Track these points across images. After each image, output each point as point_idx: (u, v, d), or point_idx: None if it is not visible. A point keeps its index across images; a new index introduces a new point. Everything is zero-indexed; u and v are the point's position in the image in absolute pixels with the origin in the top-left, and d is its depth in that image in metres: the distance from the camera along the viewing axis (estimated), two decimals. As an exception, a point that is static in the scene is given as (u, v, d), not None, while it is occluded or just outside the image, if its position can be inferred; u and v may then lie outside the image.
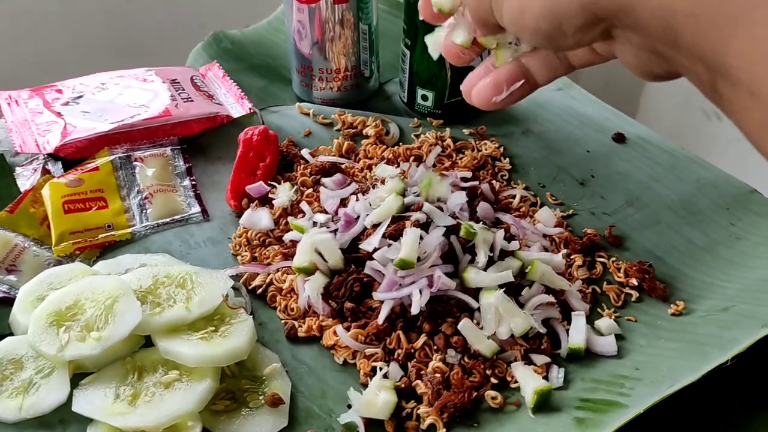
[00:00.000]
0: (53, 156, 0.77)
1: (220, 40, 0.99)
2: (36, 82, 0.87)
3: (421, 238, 0.64)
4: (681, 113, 1.59)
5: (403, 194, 0.69)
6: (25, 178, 0.76)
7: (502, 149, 0.83)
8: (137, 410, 0.55)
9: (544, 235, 0.72)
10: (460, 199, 0.68)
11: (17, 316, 0.62)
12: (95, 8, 1.42)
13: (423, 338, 0.62)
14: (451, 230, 0.66)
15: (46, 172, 0.76)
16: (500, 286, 0.63)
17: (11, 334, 0.63)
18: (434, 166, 0.78)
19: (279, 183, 0.76)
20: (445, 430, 0.58)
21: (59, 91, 0.84)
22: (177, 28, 1.51)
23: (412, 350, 0.62)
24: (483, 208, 0.71)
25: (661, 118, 1.76)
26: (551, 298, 0.65)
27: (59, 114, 0.80)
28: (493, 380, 0.61)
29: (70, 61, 1.45)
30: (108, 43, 1.48)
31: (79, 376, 0.59)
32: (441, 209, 0.67)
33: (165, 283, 0.64)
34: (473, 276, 0.63)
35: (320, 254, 0.66)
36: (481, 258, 0.64)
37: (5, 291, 0.66)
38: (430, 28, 0.79)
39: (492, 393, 0.60)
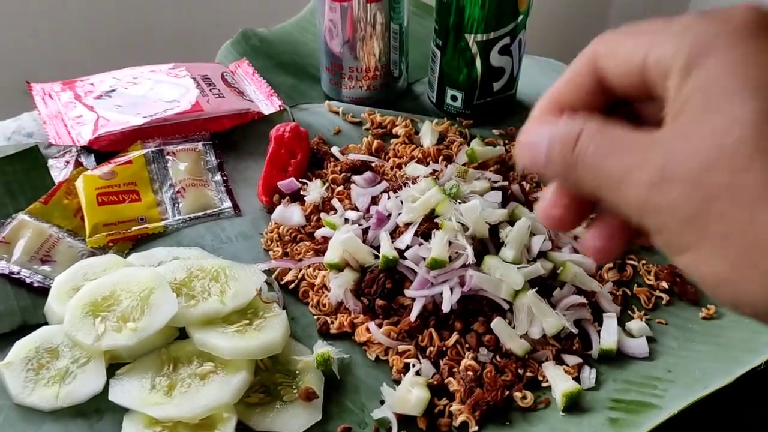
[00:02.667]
0: (86, 148, 0.78)
1: (248, 37, 0.99)
2: (56, 79, 0.88)
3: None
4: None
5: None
6: (58, 170, 0.77)
7: (531, 151, 0.83)
8: (173, 401, 0.56)
9: (575, 237, 0.72)
10: (495, 197, 0.69)
11: (52, 306, 0.63)
12: (113, 6, 1.43)
13: (455, 336, 0.63)
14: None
15: (79, 164, 0.77)
16: (532, 286, 0.63)
17: (46, 323, 0.63)
18: (464, 164, 0.78)
19: (310, 180, 0.77)
20: (477, 427, 0.58)
21: (91, 85, 0.85)
22: (195, 27, 1.52)
23: (444, 348, 0.63)
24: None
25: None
26: (583, 299, 0.65)
27: (92, 107, 0.81)
28: (529, 374, 0.61)
29: (88, 60, 1.46)
30: (125, 41, 1.49)
31: (114, 366, 0.59)
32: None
33: (199, 276, 0.64)
34: (494, 263, 0.63)
35: (351, 251, 0.67)
36: (510, 253, 0.64)
37: (40, 281, 0.66)
38: (461, 30, 0.80)
39: (521, 393, 0.60)
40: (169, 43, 1.52)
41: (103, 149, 0.77)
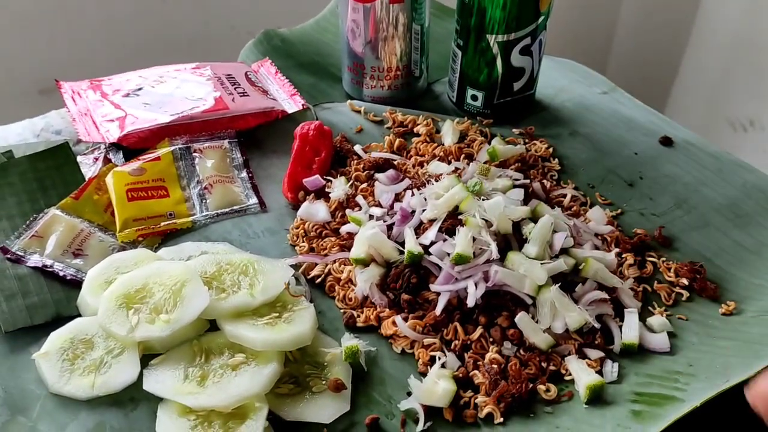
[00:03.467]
0: (115, 145, 0.79)
1: (270, 37, 1.01)
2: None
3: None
4: (707, 123, 1.60)
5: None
6: (87, 167, 0.79)
7: (551, 150, 0.84)
8: (207, 390, 0.57)
9: (596, 234, 0.73)
10: (518, 195, 0.70)
11: (86, 298, 0.64)
12: (131, 8, 1.44)
13: (479, 330, 0.64)
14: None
15: (107, 160, 0.78)
16: (555, 282, 0.65)
17: (79, 315, 0.65)
18: (485, 163, 0.80)
19: (334, 177, 0.78)
20: (502, 419, 0.59)
21: (118, 84, 0.86)
22: (210, 29, 1.54)
23: (469, 341, 0.64)
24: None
25: (685, 126, 1.77)
26: (605, 295, 0.66)
27: (119, 105, 0.82)
28: (552, 367, 0.62)
29: (107, 62, 1.48)
30: (143, 43, 1.50)
31: (147, 356, 0.61)
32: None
33: (228, 270, 0.65)
34: (518, 259, 0.65)
35: (376, 246, 0.68)
36: (533, 249, 0.66)
37: (72, 274, 0.68)
38: (482, 31, 0.81)
39: (545, 386, 0.61)
40: (186, 45, 1.54)
41: (131, 146, 0.79)
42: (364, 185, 0.78)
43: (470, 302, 0.64)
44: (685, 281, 0.70)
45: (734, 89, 1.49)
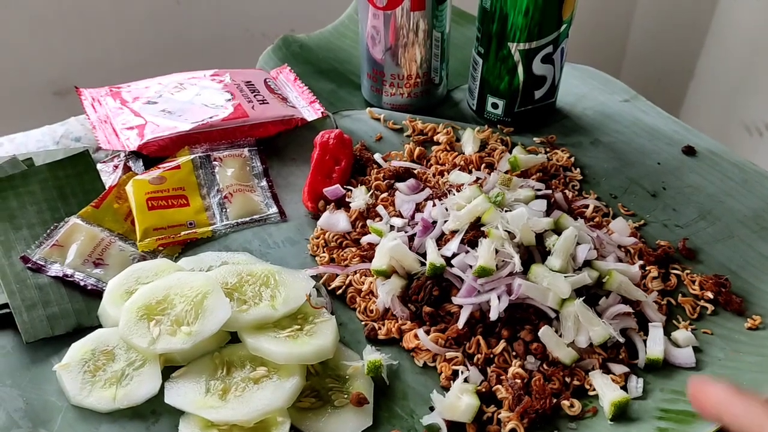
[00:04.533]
0: (135, 153, 0.79)
1: (289, 43, 1.01)
2: (88, 85, 0.89)
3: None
4: (722, 127, 1.59)
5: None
6: (107, 174, 0.78)
7: (573, 159, 0.83)
8: (228, 404, 0.57)
9: (619, 246, 0.72)
10: (540, 206, 0.69)
11: (107, 309, 0.64)
12: (144, 10, 1.44)
13: (502, 344, 0.63)
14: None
15: (127, 169, 0.78)
16: (578, 295, 0.64)
17: (100, 325, 0.65)
18: (506, 172, 0.79)
19: (353, 186, 0.78)
20: (526, 435, 0.59)
21: (137, 91, 0.86)
22: (221, 32, 1.54)
23: (491, 355, 0.63)
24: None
25: (701, 130, 1.75)
26: (629, 309, 0.65)
27: (139, 113, 0.82)
28: (576, 382, 0.62)
29: (122, 67, 1.48)
30: (154, 45, 1.51)
31: (168, 369, 0.60)
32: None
33: (249, 281, 0.65)
34: (541, 272, 0.64)
35: (397, 258, 0.68)
36: (557, 261, 0.65)
37: (93, 284, 0.68)
38: (504, 39, 0.81)
39: (569, 402, 0.61)
40: (201, 47, 1.54)
41: (152, 154, 0.78)
42: (385, 195, 0.77)
43: (493, 315, 0.63)
44: (709, 294, 0.69)
45: (750, 93, 1.47)
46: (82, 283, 0.67)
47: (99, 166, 0.79)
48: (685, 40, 1.61)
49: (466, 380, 0.61)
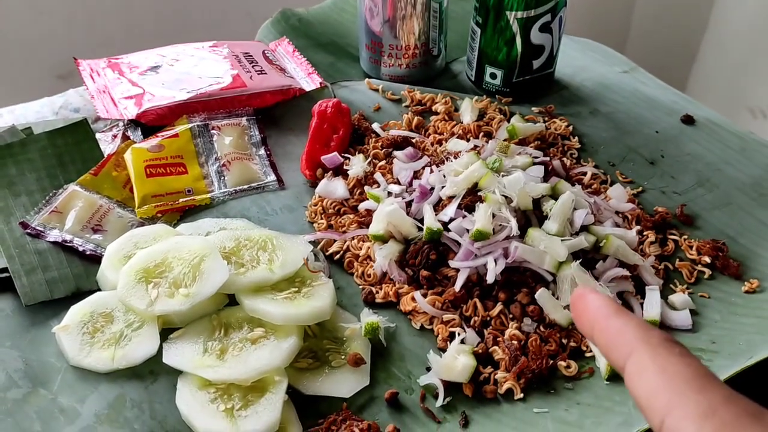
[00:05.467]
0: (133, 122, 0.79)
1: (287, 17, 1.01)
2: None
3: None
4: (725, 110, 1.58)
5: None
6: (106, 143, 0.79)
7: (571, 128, 0.83)
8: (226, 363, 0.57)
9: (617, 212, 0.72)
10: (538, 172, 0.69)
11: (105, 273, 0.64)
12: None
13: (499, 306, 0.64)
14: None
15: (126, 137, 0.78)
16: (575, 259, 0.64)
17: (98, 289, 0.65)
18: (504, 140, 0.79)
19: (352, 155, 0.78)
20: (522, 395, 0.59)
21: (136, 62, 0.86)
22: (223, 15, 1.54)
23: (488, 318, 0.64)
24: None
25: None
26: (626, 272, 0.66)
27: (137, 83, 0.82)
28: (572, 344, 0.62)
29: (122, 42, 1.48)
30: (155, 28, 1.51)
31: (166, 331, 0.61)
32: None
33: (247, 245, 0.65)
34: (538, 235, 0.64)
35: (395, 223, 0.68)
36: (554, 225, 0.65)
37: (92, 249, 0.68)
38: (502, 8, 0.81)
39: (565, 363, 0.61)
40: (201, 28, 1.54)
41: (149, 123, 0.78)
42: (383, 163, 0.77)
43: (490, 278, 0.63)
44: (707, 259, 0.69)
45: (754, 77, 1.47)
46: (80, 249, 0.68)
47: (98, 135, 0.79)
48: (688, 22, 1.60)
49: (462, 342, 0.61)
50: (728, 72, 1.55)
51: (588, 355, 0.62)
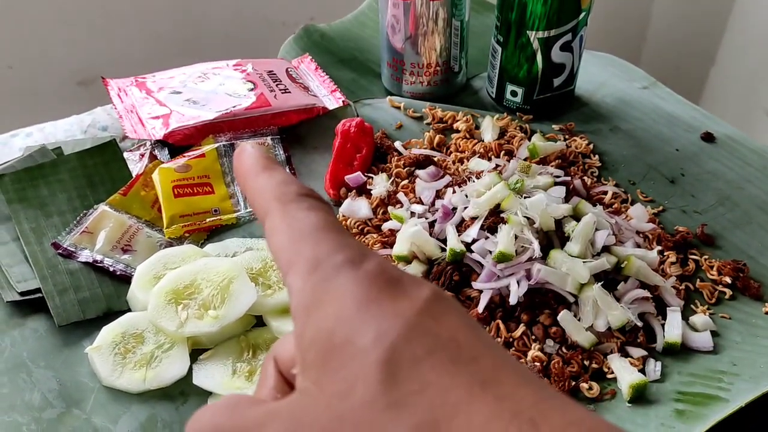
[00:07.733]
0: (161, 142, 0.81)
1: (310, 33, 1.02)
2: (111, 75, 0.91)
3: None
4: (743, 114, 1.58)
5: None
6: (133, 163, 0.80)
7: (591, 146, 0.84)
8: (254, 385, 0.58)
9: (637, 232, 0.73)
10: (559, 192, 0.70)
11: (136, 293, 0.66)
12: (165, 1, 1.47)
13: (521, 328, 0.64)
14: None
15: (153, 157, 0.80)
16: (597, 280, 0.65)
17: (129, 309, 0.67)
18: (525, 160, 0.80)
19: (374, 174, 0.79)
20: (545, 416, 0.60)
21: (161, 81, 0.88)
22: (241, 20, 1.55)
23: (511, 339, 0.64)
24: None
25: (721, 116, 1.74)
26: (647, 293, 0.66)
27: (164, 103, 0.84)
28: (594, 365, 0.63)
29: (144, 57, 1.50)
30: (176, 35, 1.53)
31: (195, 351, 0.62)
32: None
33: (273, 266, 0.67)
34: (560, 257, 0.65)
35: (418, 243, 0.69)
36: (576, 247, 0.66)
37: (122, 269, 0.69)
38: (523, 27, 0.81)
39: (587, 384, 0.62)
40: (222, 36, 1.55)
41: (177, 143, 0.80)
42: (405, 182, 0.78)
43: (512, 300, 0.64)
44: (728, 280, 0.70)
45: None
46: (111, 269, 0.69)
47: (126, 154, 0.81)
48: (706, 26, 1.60)
49: (486, 363, 0.62)
50: (746, 76, 1.55)
51: (610, 376, 0.63)
